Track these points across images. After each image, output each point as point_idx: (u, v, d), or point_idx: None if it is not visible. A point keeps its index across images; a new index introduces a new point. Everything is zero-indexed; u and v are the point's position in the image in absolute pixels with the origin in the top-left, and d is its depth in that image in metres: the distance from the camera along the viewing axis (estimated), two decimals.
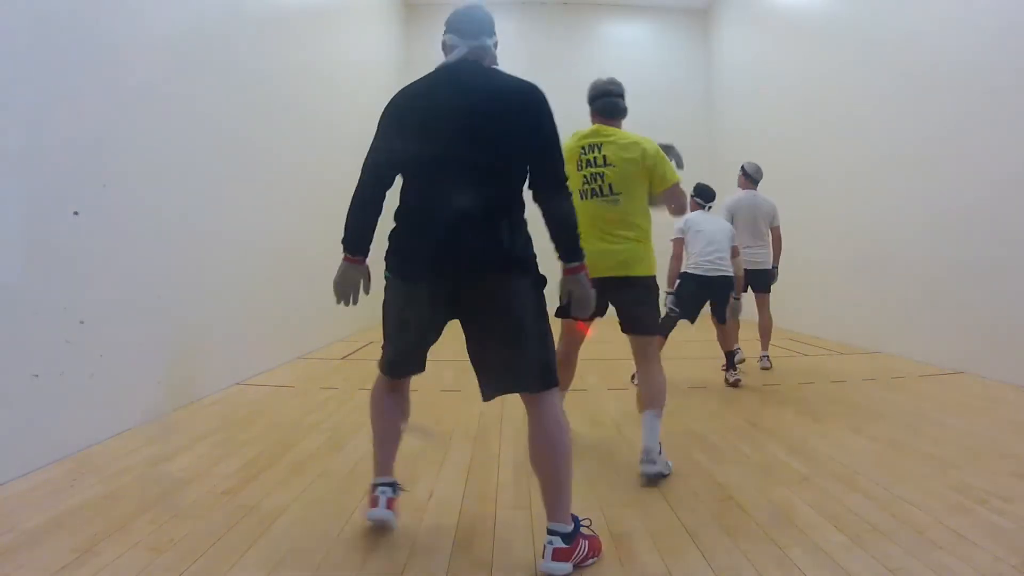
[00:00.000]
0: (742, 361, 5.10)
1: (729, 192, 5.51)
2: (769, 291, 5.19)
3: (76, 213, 2.86)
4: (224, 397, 4.02)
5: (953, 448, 2.93)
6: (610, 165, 2.69)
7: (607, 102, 2.88)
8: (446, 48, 2.01)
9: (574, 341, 2.95)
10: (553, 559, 1.72)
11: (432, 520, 2.16)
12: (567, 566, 1.74)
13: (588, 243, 2.32)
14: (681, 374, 4.94)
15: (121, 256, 3.20)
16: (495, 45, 2.04)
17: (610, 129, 2.79)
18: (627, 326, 2.79)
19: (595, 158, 2.72)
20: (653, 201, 2.88)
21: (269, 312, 4.95)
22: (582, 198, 2.69)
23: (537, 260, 1.89)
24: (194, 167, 3.91)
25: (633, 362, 2.89)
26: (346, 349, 6.23)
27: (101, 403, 3.01)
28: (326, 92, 6.64)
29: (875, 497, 2.33)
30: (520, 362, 1.82)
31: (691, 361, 5.55)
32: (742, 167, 5.33)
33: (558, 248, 1.93)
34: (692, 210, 4.78)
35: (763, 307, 5.21)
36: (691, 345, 6.60)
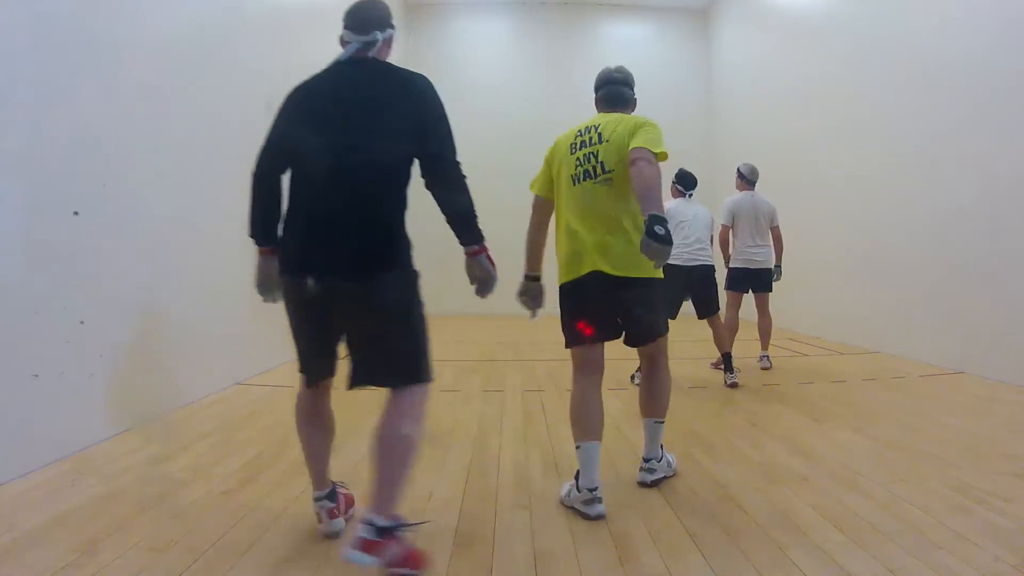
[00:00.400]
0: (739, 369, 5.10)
1: (729, 191, 5.51)
2: (770, 291, 5.18)
3: (76, 213, 2.86)
4: (224, 397, 4.02)
5: (953, 448, 2.93)
6: (604, 141, 2.42)
7: (610, 90, 2.68)
8: (342, 43, 2.01)
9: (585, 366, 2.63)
10: (358, 547, 1.61)
11: (432, 520, 2.16)
12: (370, 559, 1.61)
13: (583, 235, 2.35)
14: (681, 374, 4.93)
15: (121, 256, 3.20)
16: (389, 38, 2.01)
17: (615, 115, 2.56)
18: (631, 335, 2.51)
19: (590, 138, 2.47)
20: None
21: (269, 312, 4.92)
22: (573, 183, 2.43)
23: (411, 255, 1.89)
24: (194, 167, 3.91)
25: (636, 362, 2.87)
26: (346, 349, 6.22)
27: (101, 403, 3.01)
28: None
29: (875, 497, 2.33)
30: (386, 357, 1.81)
31: (691, 361, 5.55)
32: (737, 169, 5.33)
33: (456, 233, 1.99)
34: (673, 197, 4.78)
35: (763, 307, 5.20)
36: (691, 345, 6.60)
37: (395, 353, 1.81)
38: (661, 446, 2.54)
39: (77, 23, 2.89)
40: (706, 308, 4.59)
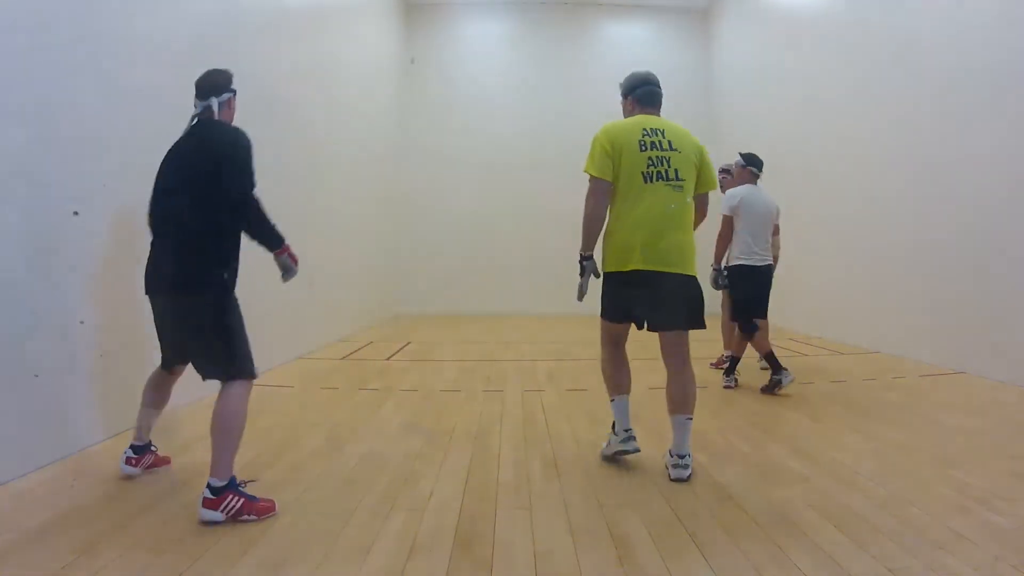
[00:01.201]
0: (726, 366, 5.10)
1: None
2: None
3: (76, 213, 2.86)
4: None
5: (953, 448, 2.93)
6: (675, 150, 2.62)
7: (648, 90, 2.88)
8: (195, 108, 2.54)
9: (616, 342, 2.88)
10: (203, 506, 2.12)
11: (432, 520, 2.16)
12: (216, 514, 2.11)
13: (643, 229, 2.54)
14: None
15: (121, 256, 3.20)
16: (226, 101, 2.54)
17: (661, 118, 2.77)
18: (661, 320, 2.70)
19: (659, 142, 2.63)
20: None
21: (269, 312, 4.94)
22: (645, 181, 2.57)
23: (223, 275, 2.32)
24: None
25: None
26: (346, 349, 6.23)
27: (101, 403, 3.01)
28: (326, 92, 6.64)
29: (875, 497, 2.33)
30: (204, 361, 2.38)
31: (691, 361, 5.54)
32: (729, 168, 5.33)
33: (264, 246, 2.51)
34: (742, 180, 4.37)
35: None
36: (691, 345, 6.60)
37: (212, 358, 2.35)
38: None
39: (77, 23, 2.89)
40: (764, 308, 4.37)
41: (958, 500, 2.29)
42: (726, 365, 5.07)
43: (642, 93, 2.87)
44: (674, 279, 2.58)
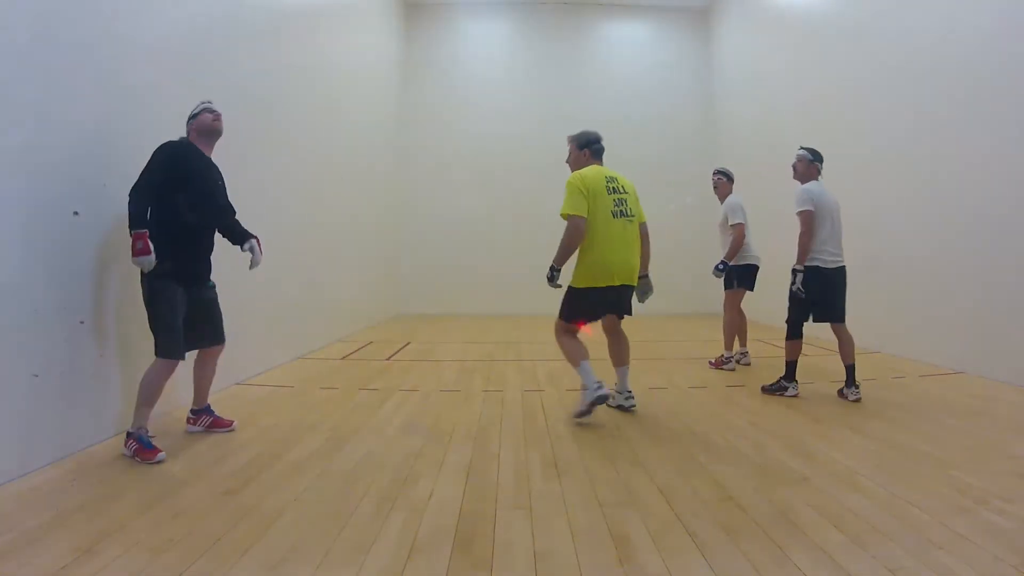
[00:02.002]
0: (732, 368, 5.11)
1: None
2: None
3: (76, 213, 2.86)
4: (224, 397, 4.02)
5: (953, 448, 2.93)
6: (626, 193, 3.55)
7: (600, 147, 3.77)
8: None
9: (574, 334, 3.64)
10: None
11: (432, 520, 2.16)
12: (126, 451, 2.77)
13: (617, 255, 3.43)
14: (681, 374, 4.94)
15: (121, 256, 3.20)
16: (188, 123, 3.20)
17: (607, 168, 3.70)
18: (620, 314, 3.68)
19: (616, 187, 3.52)
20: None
21: (269, 312, 4.95)
22: (613, 216, 3.45)
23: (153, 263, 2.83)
24: None
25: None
26: (346, 349, 6.23)
27: (101, 403, 3.01)
28: (325, 92, 6.64)
29: (875, 497, 2.33)
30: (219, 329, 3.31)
31: (691, 361, 5.55)
32: (726, 173, 5.66)
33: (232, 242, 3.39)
34: (809, 176, 4.16)
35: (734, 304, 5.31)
36: (690, 345, 6.61)
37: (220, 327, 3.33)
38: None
39: (77, 23, 2.89)
40: (838, 313, 4.12)
41: (958, 500, 2.29)
42: (726, 365, 5.09)
43: (596, 148, 3.73)
44: (630, 288, 3.56)
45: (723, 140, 10.50)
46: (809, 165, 4.19)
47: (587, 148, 3.71)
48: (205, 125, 3.17)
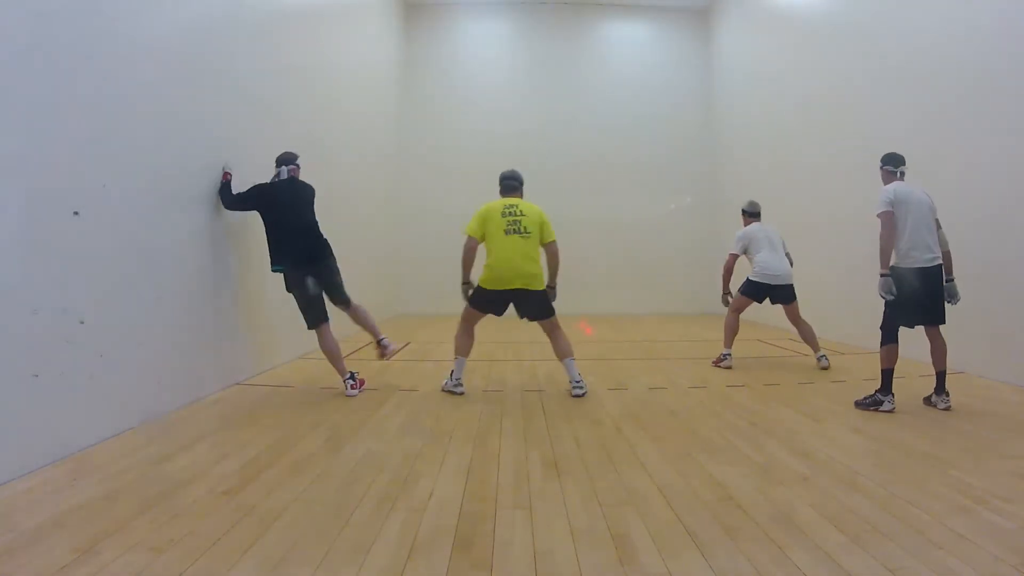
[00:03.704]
0: (729, 367, 5.13)
1: (729, 190, 5.55)
2: (795, 299, 5.41)
3: (76, 213, 2.86)
4: (224, 397, 4.02)
5: (953, 448, 2.93)
6: (524, 215, 4.27)
7: (508, 184, 4.55)
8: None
9: (473, 323, 4.42)
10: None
11: (432, 520, 2.16)
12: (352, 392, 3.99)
13: (508, 264, 4.17)
14: (681, 374, 4.94)
15: (121, 256, 3.20)
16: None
17: (516, 199, 4.46)
18: (531, 318, 4.39)
19: (514, 211, 4.28)
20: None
21: (269, 312, 4.94)
22: (506, 234, 4.20)
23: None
24: (193, 167, 3.92)
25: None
26: (346, 349, 6.21)
27: (101, 403, 3.01)
28: (325, 92, 6.64)
29: (875, 497, 2.33)
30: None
31: (691, 361, 5.55)
32: (742, 209, 5.74)
33: None
34: (886, 182, 3.99)
35: (796, 317, 5.42)
36: (689, 345, 6.60)
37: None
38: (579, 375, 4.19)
39: (77, 23, 2.89)
40: (937, 315, 3.90)
41: (958, 500, 2.29)
42: (723, 362, 5.10)
43: (505, 185, 4.53)
44: (533, 293, 4.24)
45: (723, 140, 10.50)
46: (887, 173, 4.00)
47: (500, 185, 4.58)
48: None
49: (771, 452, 2.93)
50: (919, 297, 3.81)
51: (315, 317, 4.12)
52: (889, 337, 3.86)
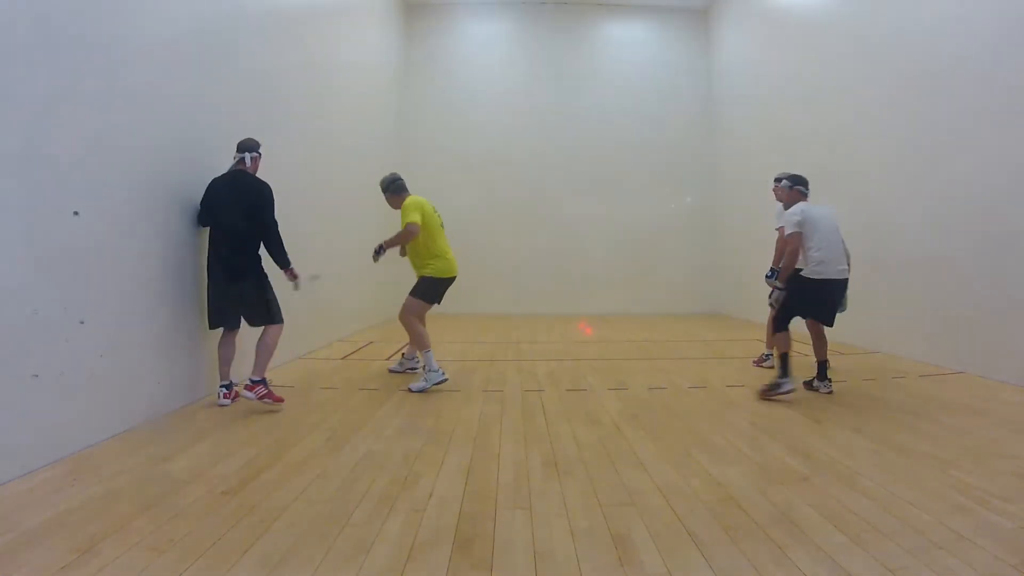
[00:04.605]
0: (772, 367, 5.13)
1: (728, 190, 5.54)
2: None
3: (76, 213, 2.86)
4: None
5: (953, 448, 2.93)
6: (438, 214, 4.71)
7: (399, 184, 4.78)
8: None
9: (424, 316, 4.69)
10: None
11: (432, 520, 2.16)
12: (250, 395, 3.66)
13: (450, 255, 4.68)
14: (682, 374, 4.94)
15: (121, 256, 3.20)
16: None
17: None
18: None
19: (433, 209, 4.67)
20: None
21: None
22: (442, 227, 4.67)
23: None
24: (194, 167, 3.91)
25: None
26: (346, 349, 6.23)
27: (101, 403, 3.01)
28: (326, 92, 6.64)
29: (875, 497, 2.33)
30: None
31: (692, 361, 5.55)
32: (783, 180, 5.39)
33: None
34: (794, 200, 4.34)
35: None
36: (688, 345, 6.60)
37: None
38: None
39: (77, 23, 2.89)
40: (830, 318, 4.33)
41: (958, 500, 2.29)
42: (766, 363, 5.11)
43: (402, 186, 4.76)
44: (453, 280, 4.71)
45: (723, 140, 10.50)
46: (787, 191, 4.49)
47: (397, 186, 4.76)
48: (257, 167, 4.02)
49: (771, 452, 2.93)
50: (821, 302, 4.18)
51: (214, 321, 3.86)
52: (781, 326, 4.13)
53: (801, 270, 4.14)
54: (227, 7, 4.42)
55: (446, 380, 4.30)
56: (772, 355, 5.17)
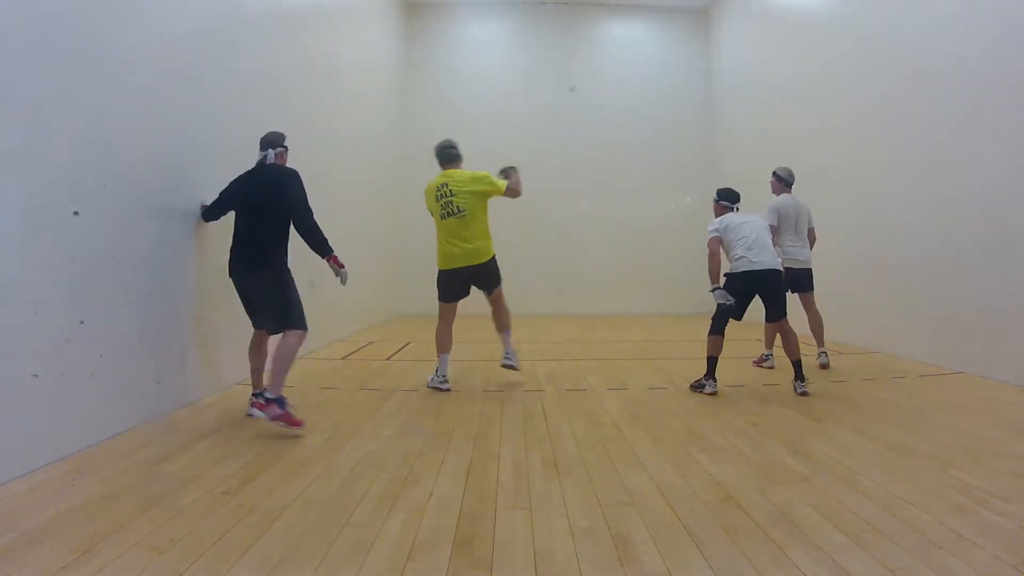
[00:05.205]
0: (772, 367, 5.13)
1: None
2: (813, 289, 5.23)
3: (76, 213, 2.86)
4: (224, 397, 4.02)
5: (953, 448, 2.93)
6: (454, 195, 4.29)
7: (448, 154, 4.49)
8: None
9: (449, 317, 4.54)
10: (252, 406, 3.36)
11: (432, 520, 2.16)
12: (263, 414, 3.22)
13: (451, 246, 4.32)
14: (681, 374, 4.94)
15: (121, 256, 3.20)
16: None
17: (450, 171, 4.44)
18: (486, 289, 4.52)
19: (445, 192, 4.31)
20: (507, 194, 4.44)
21: None
22: (442, 219, 4.33)
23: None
24: (194, 167, 3.91)
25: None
26: (346, 349, 6.23)
27: (101, 403, 3.01)
28: (326, 92, 6.64)
29: (875, 497, 2.33)
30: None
31: (692, 361, 5.54)
32: (775, 173, 5.41)
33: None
34: (718, 214, 4.80)
35: (810, 305, 5.25)
36: (687, 345, 6.60)
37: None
38: (514, 350, 4.50)
39: (77, 23, 2.89)
40: (783, 311, 4.50)
41: (958, 500, 2.29)
42: (767, 363, 5.11)
43: (445, 155, 4.49)
44: (481, 267, 4.34)
45: (723, 140, 10.50)
46: (716, 204, 4.88)
47: (438, 159, 4.55)
48: (284, 161, 3.79)
49: (771, 452, 2.94)
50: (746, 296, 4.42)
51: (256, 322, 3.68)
52: (716, 328, 4.45)
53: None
54: (227, 7, 4.42)
55: (446, 391, 4.25)
56: (771, 355, 5.17)
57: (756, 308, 5.56)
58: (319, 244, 3.64)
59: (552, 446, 3.04)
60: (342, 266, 3.73)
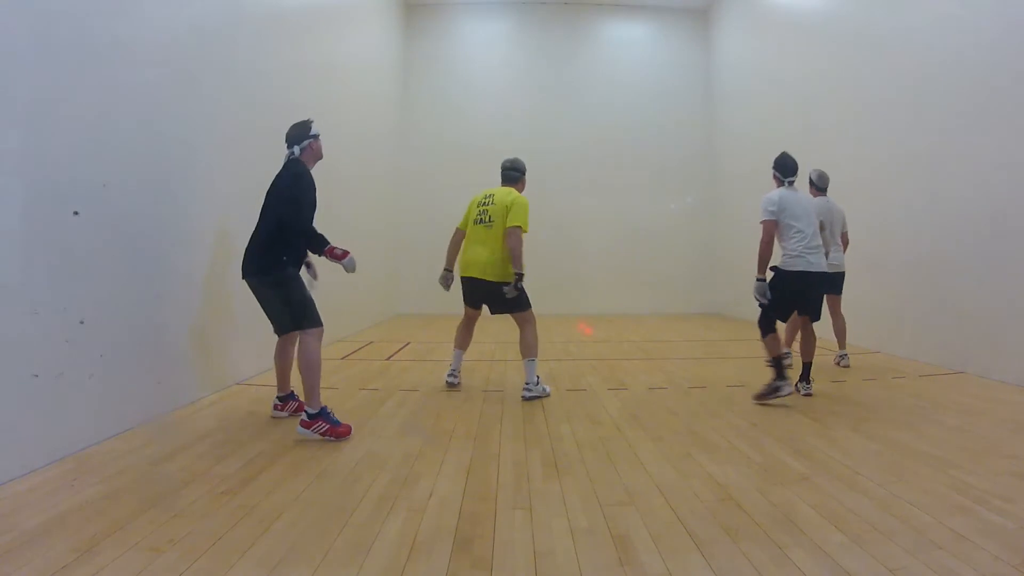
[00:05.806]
0: (790, 365, 5.10)
1: (725, 191, 5.53)
2: (841, 292, 5.22)
3: (76, 213, 2.86)
4: (224, 397, 4.02)
5: (953, 448, 2.93)
6: (492, 205, 4.29)
7: (506, 174, 4.49)
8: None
9: (470, 319, 4.63)
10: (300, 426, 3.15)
11: (432, 520, 2.16)
12: (310, 432, 3.11)
13: (468, 252, 4.30)
14: (682, 374, 4.94)
15: (121, 256, 3.20)
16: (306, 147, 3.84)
17: (500, 187, 4.44)
18: (491, 309, 4.37)
19: (487, 201, 4.34)
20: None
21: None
22: (476, 223, 4.31)
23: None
24: (194, 167, 3.92)
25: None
26: (346, 349, 6.23)
27: (101, 403, 3.01)
28: (325, 92, 6.64)
29: (875, 497, 2.33)
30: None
31: (692, 361, 5.55)
32: (809, 176, 5.30)
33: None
34: (776, 187, 4.41)
35: (836, 309, 5.26)
36: (688, 345, 6.60)
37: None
38: (538, 377, 4.12)
39: (77, 23, 2.89)
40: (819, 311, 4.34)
41: (958, 500, 2.29)
42: (787, 360, 5.08)
43: (502, 176, 4.49)
44: (484, 283, 4.17)
45: (722, 139, 10.50)
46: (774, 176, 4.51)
47: (500, 174, 4.54)
48: (318, 151, 3.86)
49: (771, 452, 2.94)
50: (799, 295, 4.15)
51: (280, 326, 3.58)
52: (767, 328, 4.15)
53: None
54: (227, 7, 4.42)
55: (455, 385, 4.42)
56: (790, 352, 5.13)
57: (756, 308, 5.56)
58: (309, 242, 3.50)
59: (552, 446, 3.04)
60: (342, 255, 3.49)
